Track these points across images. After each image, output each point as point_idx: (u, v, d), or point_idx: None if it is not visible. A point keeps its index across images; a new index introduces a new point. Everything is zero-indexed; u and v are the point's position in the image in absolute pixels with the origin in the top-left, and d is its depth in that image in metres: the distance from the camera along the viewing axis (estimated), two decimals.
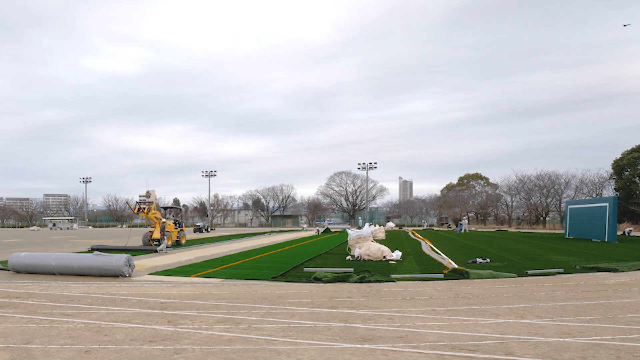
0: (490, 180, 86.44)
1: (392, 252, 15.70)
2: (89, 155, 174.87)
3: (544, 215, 69.88)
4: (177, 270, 12.94)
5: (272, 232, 50.26)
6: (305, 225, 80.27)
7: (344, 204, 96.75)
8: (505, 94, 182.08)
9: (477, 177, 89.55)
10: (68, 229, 73.92)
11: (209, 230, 58.87)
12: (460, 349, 4.89)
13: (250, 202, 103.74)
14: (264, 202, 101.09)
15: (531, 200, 70.95)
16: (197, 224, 65.47)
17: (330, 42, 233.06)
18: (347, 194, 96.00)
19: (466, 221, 50.25)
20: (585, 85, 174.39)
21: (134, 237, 28.72)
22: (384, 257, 15.22)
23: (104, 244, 25.08)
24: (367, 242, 16.58)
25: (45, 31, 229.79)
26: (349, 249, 17.07)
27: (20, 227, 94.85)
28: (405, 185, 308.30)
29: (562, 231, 40.19)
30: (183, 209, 28.88)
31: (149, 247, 20.71)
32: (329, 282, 10.11)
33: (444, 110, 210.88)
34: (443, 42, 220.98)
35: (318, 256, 17.10)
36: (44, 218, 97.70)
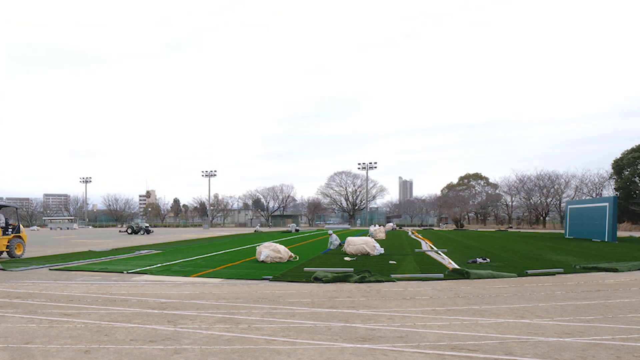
0: (490, 180, 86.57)
1: (377, 248, 17.05)
2: None
3: (544, 215, 69.88)
4: (176, 270, 12.94)
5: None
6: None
7: (344, 204, 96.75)
8: None
9: (477, 177, 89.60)
10: (68, 228, 73.99)
11: (149, 231, 45.22)
12: (460, 348, 4.89)
13: (250, 202, 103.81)
14: (264, 202, 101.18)
15: (531, 200, 70.99)
16: (138, 224, 49.53)
17: None
18: (347, 194, 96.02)
19: None
20: None
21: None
22: (367, 252, 16.44)
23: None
24: (351, 238, 17.74)
25: None
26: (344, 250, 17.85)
27: None
28: (405, 185, 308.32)
29: (562, 231, 40.19)
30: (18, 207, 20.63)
31: None
32: (329, 282, 10.11)
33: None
34: None
35: (318, 256, 17.11)
36: (44, 218, 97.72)
